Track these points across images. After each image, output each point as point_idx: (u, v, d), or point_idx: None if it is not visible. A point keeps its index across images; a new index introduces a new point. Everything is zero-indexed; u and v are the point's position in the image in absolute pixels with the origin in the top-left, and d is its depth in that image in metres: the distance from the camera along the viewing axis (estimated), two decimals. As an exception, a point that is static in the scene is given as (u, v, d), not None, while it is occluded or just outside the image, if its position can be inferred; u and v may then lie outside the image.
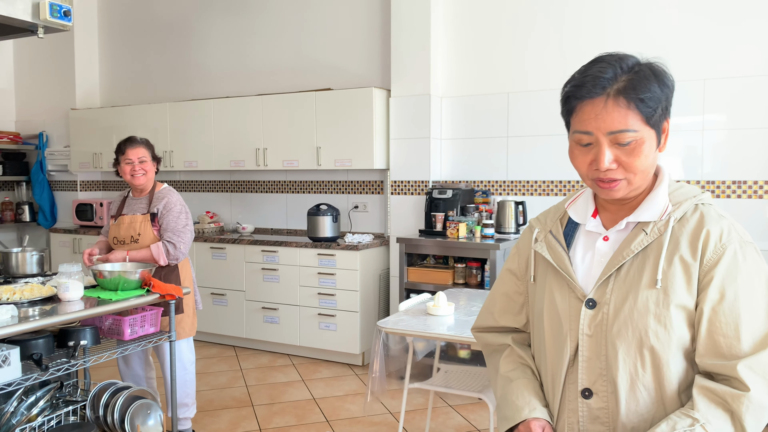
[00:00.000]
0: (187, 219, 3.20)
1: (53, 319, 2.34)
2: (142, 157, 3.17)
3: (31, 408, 2.64)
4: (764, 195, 3.69)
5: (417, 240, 4.18)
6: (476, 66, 4.47)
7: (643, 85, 1.07)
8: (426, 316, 2.69)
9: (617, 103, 1.07)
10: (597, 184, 1.15)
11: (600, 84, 1.08)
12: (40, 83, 6.29)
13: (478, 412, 3.61)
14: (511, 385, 1.30)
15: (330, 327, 4.51)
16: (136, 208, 3.22)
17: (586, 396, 1.20)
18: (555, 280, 1.25)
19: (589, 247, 1.23)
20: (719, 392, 1.08)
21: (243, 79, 5.46)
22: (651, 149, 1.11)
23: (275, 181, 5.40)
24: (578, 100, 1.11)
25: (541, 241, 1.30)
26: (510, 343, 1.36)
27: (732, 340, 1.08)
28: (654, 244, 1.14)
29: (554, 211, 1.34)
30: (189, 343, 3.23)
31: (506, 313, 1.38)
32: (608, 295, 1.16)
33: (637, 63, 1.12)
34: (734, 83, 3.71)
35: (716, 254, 1.10)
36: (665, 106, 1.11)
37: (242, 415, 3.59)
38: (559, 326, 1.23)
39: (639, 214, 1.17)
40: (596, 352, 1.18)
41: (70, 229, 5.86)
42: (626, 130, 1.08)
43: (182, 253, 3.13)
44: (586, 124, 1.11)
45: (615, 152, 1.10)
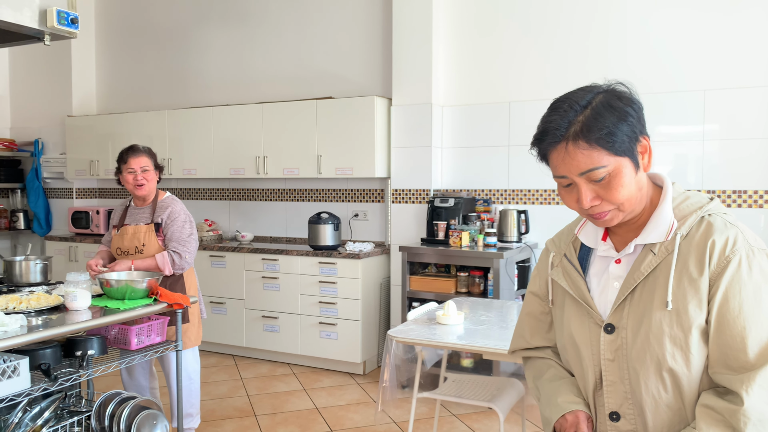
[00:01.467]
0: (192, 228, 3.18)
1: (62, 329, 2.31)
2: (144, 166, 3.13)
3: (36, 419, 2.60)
4: (764, 204, 3.73)
5: (419, 248, 4.18)
6: (477, 75, 4.50)
7: (597, 123, 1.08)
8: (435, 325, 2.69)
9: (577, 146, 1.09)
10: (590, 217, 1.17)
11: (557, 133, 1.10)
12: (35, 89, 6.24)
13: (482, 422, 3.60)
14: (565, 380, 1.31)
15: (331, 336, 4.49)
16: (139, 218, 3.18)
17: (614, 419, 1.21)
18: (573, 307, 1.26)
19: (603, 271, 1.24)
20: (719, 409, 1.08)
21: (243, 87, 5.46)
22: (629, 176, 1.11)
23: (275, 189, 5.39)
24: (544, 150, 1.14)
25: (557, 266, 1.31)
26: (550, 356, 1.39)
27: (738, 352, 1.08)
28: (662, 264, 1.15)
29: (567, 232, 1.35)
30: (194, 352, 3.20)
31: (536, 334, 1.40)
32: (625, 319, 1.17)
33: (592, 98, 1.11)
34: (735, 94, 3.76)
35: (720, 266, 1.10)
36: (631, 132, 1.10)
37: (245, 426, 3.56)
38: (580, 353, 1.24)
39: (645, 235, 1.17)
40: (619, 376, 1.19)
41: (66, 237, 5.81)
42: (594, 168, 1.09)
43: (188, 262, 3.10)
44: (558, 170, 1.13)
45: (593, 188, 1.12)
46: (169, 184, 5.84)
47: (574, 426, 1.21)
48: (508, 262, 3.96)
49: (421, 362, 2.85)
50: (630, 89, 1.16)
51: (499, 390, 2.76)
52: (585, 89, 1.14)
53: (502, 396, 2.68)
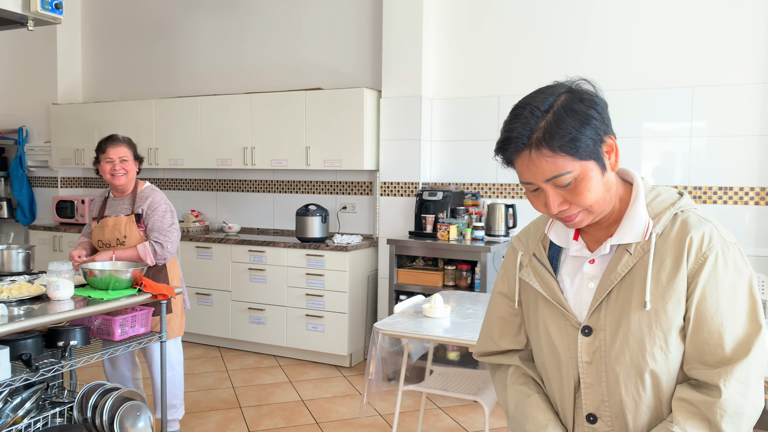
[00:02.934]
0: (173, 218, 3.14)
1: (44, 318, 2.28)
2: (123, 156, 3.08)
3: (17, 410, 2.57)
4: (749, 201, 3.76)
5: (407, 241, 4.18)
6: (467, 68, 4.48)
7: (558, 129, 1.05)
8: (422, 318, 2.69)
9: (540, 154, 1.06)
10: (559, 220, 1.16)
11: (519, 142, 1.07)
12: (20, 76, 6.15)
13: (468, 414, 3.61)
14: (529, 400, 1.28)
15: (317, 328, 4.48)
16: (119, 209, 3.14)
17: (591, 421, 1.20)
18: (547, 309, 1.24)
19: (577, 271, 1.22)
20: (695, 402, 1.08)
21: (231, 76, 5.41)
22: (596, 179, 1.09)
23: (262, 181, 5.35)
24: (508, 158, 1.11)
25: (527, 266, 1.28)
26: (518, 363, 1.34)
27: (715, 348, 1.09)
28: (639, 264, 1.14)
29: (535, 230, 1.32)
30: (177, 343, 3.18)
31: (505, 336, 1.35)
32: (602, 320, 1.16)
33: (554, 101, 1.08)
34: (722, 91, 3.78)
35: (698, 263, 1.10)
36: (595, 134, 1.07)
37: (230, 417, 3.54)
38: (557, 355, 1.22)
39: (621, 236, 1.15)
40: (597, 379, 1.18)
41: (50, 226, 5.74)
42: (559, 174, 1.07)
43: (170, 252, 3.07)
44: (524, 176, 1.11)
45: (560, 193, 1.10)
46: (155, 174, 5.79)
47: None
48: (495, 255, 3.97)
49: (407, 355, 2.84)
50: (594, 86, 1.13)
51: (485, 383, 2.77)
52: (546, 91, 1.10)
53: (487, 389, 2.68)
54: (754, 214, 3.75)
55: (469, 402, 3.78)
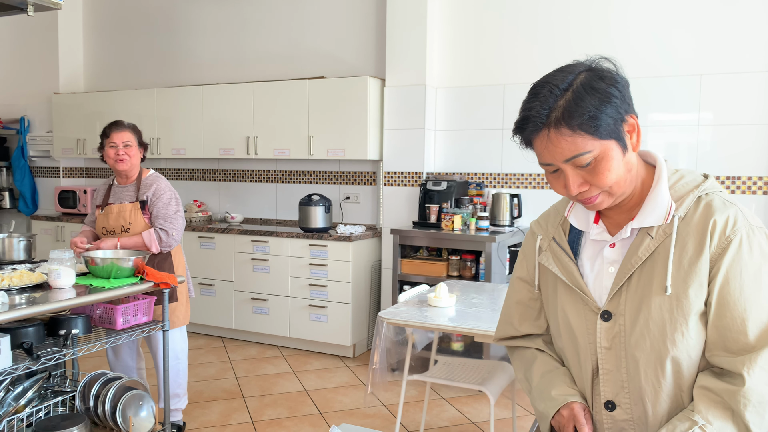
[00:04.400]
0: (178, 205, 3.11)
1: (45, 306, 2.26)
2: (127, 141, 3.04)
3: (19, 399, 2.56)
4: (757, 191, 3.72)
5: (411, 232, 4.15)
6: (472, 57, 4.43)
7: (578, 108, 1.02)
8: (427, 307, 2.66)
9: (560, 133, 1.03)
10: (579, 201, 1.13)
11: (538, 120, 1.04)
12: (21, 66, 6.11)
13: (472, 405, 3.59)
14: (557, 370, 1.27)
15: (321, 318, 4.46)
16: (123, 197, 3.11)
17: (609, 408, 1.17)
18: (566, 294, 1.21)
19: (597, 255, 1.19)
20: (718, 391, 1.05)
21: (233, 65, 5.36)
22: (617, 159, 1.06)
23: (265, 171, 5.32)
24: (526, 137, 1.08)
25: (546, 250, 1.26)
26: (541, 346, 1.33)
27: (739, 334, 1.06)
28: (661, 248, 1.11)
29: (554, 214, 1.29)
30: (182, 332, 3.16)
31: (525, 321, 1.34)
32: (622, 305, 1.13)
33: (573, 79, 1.05)
34: (731, 79, 3.73)
35: (721, 247, 1.07)
36: (616, 113, 1.04)
37: (233, 407, 3.53)
38: (575, 340, 1.20)
39: (642, 218, 1.12)
40: (616, 365, 1.15)
41: (53, 216, 5.72)
42: (579, 154, 1.04)
43: (175, 240, 3.04)
44: (543, 157, 1.08)
45: (580, 173, 1.07)
46: (158, 164, 5.76)
47: (571, 420, 1.16)
48: (500, 245, 3.93)
49: (411, 345, 2.82)
50: (615, 64, 1.09)
51: (490, 373, 2.74)
52: (565, 69, 1.07)
53: (492, 379, 2.66)
54: (761, 203, 3.71)
55: (474, 393, 3.76)
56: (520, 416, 3.40)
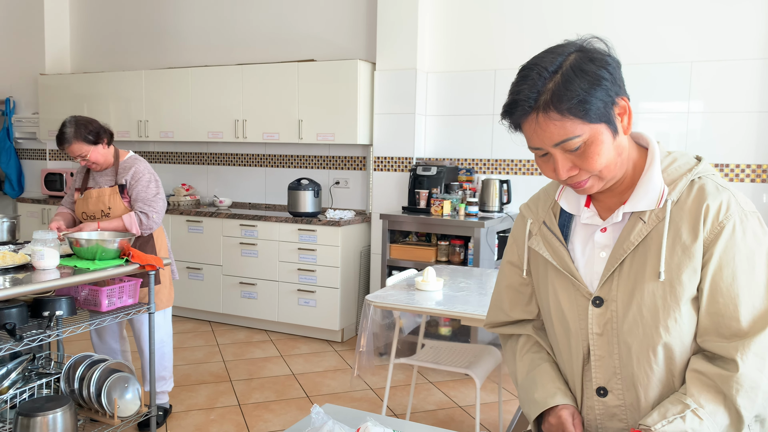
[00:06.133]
0: (158, 188, 3.05)
1: (28, 287, 2.24)
2: (81, 153, 2.92)
3: (2, 380, 2.54)
4: (745, 179, 3.73)
5: (400, 217, 4.14)
6: (464, 41, 4.40)
7: (567, 91, 0.99)
8: (414, 291, 2.65)
9: (548, 117, 1.01)
10: (569, 186, 1.11)
11: (525, 105, 1.02)
12: (6, 46, 6.01)
13: (459, 389, 3.61)
14: (539, 368, 1.25)
15: (309, 303, 4.45)
16: (101, 181, 3.05)
17: (601, 394, 1.17)
18: (557, 279, 1.20)
19: (588, 240, 1.17)
20: (710, 375, 1.05)
21: (222, 47, 5.30)
22: (607, 143, 1.04)
23: (254, 155, 5.28)
24: (515, 121, 1.06)
25: (536, 234, 1.24)
26: (531, 332, 1.31)
27: (731, 320, 1.05)
28: (653, 232, 1.09)
29: (544, 197, 1.27)
30: (166, 314, 3.13)
31: (516, 306, 1.32)
32: (614, 291, 1.12)
33: (563, 61, 1.02)
34: (721, 66, 3.73)
35: (714, 232, 1.06)
36: (606, 96, 1.02)
37: (220, 391, 3.52)
38: (567, 326, 1.19)
39: (635, 203, 1.11)
40: (608, 351, 1.14)
41: (39, 199, 5.66)
42: (568, 138, 1.02)
43: (155, 222, 3.00)
44: (531, 141, 1.07)
45: (570, 158, 1.05)
46: (146, 147, 5.70)
47: (560, 429, 1.14)
48: (488, 231, 3.93)
49: (398, 329, 2.82)
50: (607, 45, 1.07)
51: (477, 357, 2.75)
52: (555, 51, 1.05)
53: (479, 363, 2.66)
54: (750, 191, 3.73)
55: (461, 377, 3.77)
56: (506, 400, 3.42)
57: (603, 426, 1.18)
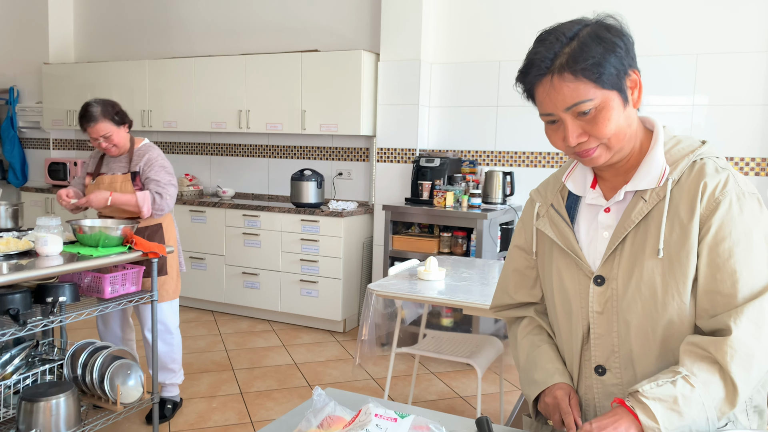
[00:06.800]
0: (171, 176, 3.03)
1: (31, 272, 2.24)
2: (105, 133, 2.90)
3: (6, 366, 2.55)
4: (749, 172, 3.72)
5: (403, 208, 4.13)
6: (468, 32, 4.39)
7: (584, 53, 1.02)
8: (416, 280, 2.66)
9: (563, 79, 1.03)
10: (577, 156, 1.12)
11: (542, 65, 1.05)
12: (10, 35, 6.01)
13: (460, 380, 3.61)
14: (539, 349, 1.26)
15: (312, 293, 4.46)
16: (115, 167, 3.05)
17: (599, 373, 1.17)
18: (561, 258, 1.21)
19: (592, 220, 1.19)
20: (702, 344, 1.04)
21: (226, 37, 5.29)
22: (617, 111, 1.06)
23: (257, 146, 5.28)
24: (528, 84, 1.08)
25: (544, 216, 1.25)
26: (532, 315, 1.33)
27: (728, 297, 1.04)
28: (654, 211, 1.10)
29: (554, 181, 1.29)
30: (173, 306, 3.10)
31: (521, 289, 1.34)
32: (615, 270, 1.13)
33: (580, 30, 1.06)
34: (727, 59, 3.71)
35: (710, 208, 1.06)
36: (619, 64, 1.05)
37: (223, 379, 3.54)
38: (569, 305, 1.20)
39: (636, 182, 1.12)
40: (607, 329, 1.15)
41: (43, 188, 5.67)
42: (580, 101, 1.04)
43: (167, 205, 2.96)
44: (544, 106, 1.08)
45: (580, 124, 1.06)
46: (150, 136, 5.70)
47: (556, 408, 1.15)
48: (491, 223, 3.93)
49: (400, 320, 2.82)
50: (620, 21, 1.10)
51: (478, 347, 2.75)
52: (573, 21, 1.09)
53: (480, 353, 2.67)
54: (754, 184, 3.69)
55: (462, 367, 3.78)
56: (507, 391, 3.43)
57: (601, 405, 1.18)
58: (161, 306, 3.01)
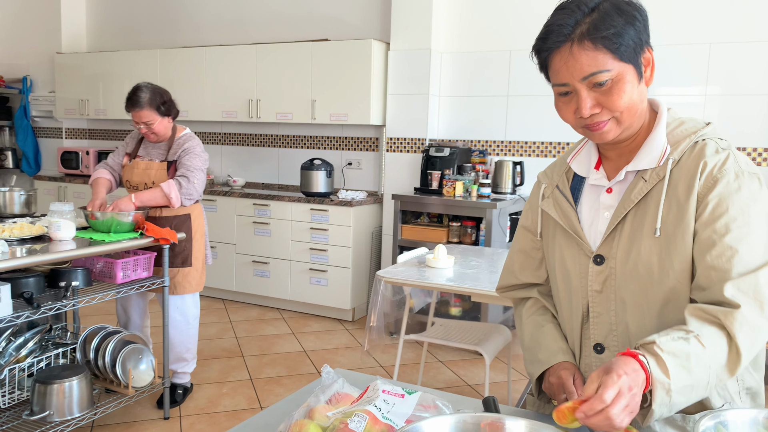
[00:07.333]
0: (203, 163, 2.98)
1: (45, 256, 2.28)
2: (147, 120, 2.89)
3: (20, 349, 2.59)
4: (762, 162, 3.69)
5: (412, 197, 4.14)
6: (479, 21, 4.37)
7: (605, 23, 1.03)
8: (425, 268, 2.67)
9: (583, 47, 1.03)
10: (587, 130, 1.11)
11: (562, 32, 1.04)
12: (23, 25, 6.05)
13: (468, 368, 3.63)
14: (543, 329, 1.27)
15: (321, 282, 4.49)
16: (153, 153, 3.02)
17: (598, 351, 1.19)
18: (564, 238, 1.22)
19: (595, 201, 1.20)
20: (710, 311, 1.03)
21: (237, 27, 5.30)
22: (632, 85, 1.06)
23: (267, 135, 5.30)
24: (546, 52, 1.08)
25: (549, 197, 1.26)
26: (536, 295, 1.34)
27: (725, 273, 1.03)
28: (654, 190, 1.11)
29: (560, 163, 1.30)
30: (195, 298, 3.10)
31: (526, 269, 1.35)
32: (614, 249, 1.13)
33: (600, 2, 1.06)
34: (741, 48, 3.67)
35: (707, 185, 1.06)
36: (637, 38, 1.05)
37: (233, 365, 3.57)
38: (569, 284, 1.21)
39: (637, 162, 1.13)
40: (606, 308, 1.16)
41: (56, 177, 5.73)
42: (598, 71, 1.03)
43: (195, 190, 2.92)
44: (559, 76, 1.07)
45: (594, 96, 1.06)
46: (160, 126, 5.73)
47: (561, 388, 1.15)
48: (501, 213, 3.93)
49: (409, 308, 2.83)
50: None
51: (486, 335, 2.76)
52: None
53: (489, 340, 2.68)
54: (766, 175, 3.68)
55: (470, 356, 3.79)
56: (515, 380, 3.44)
57: None
58: (184, 297, 3.02)
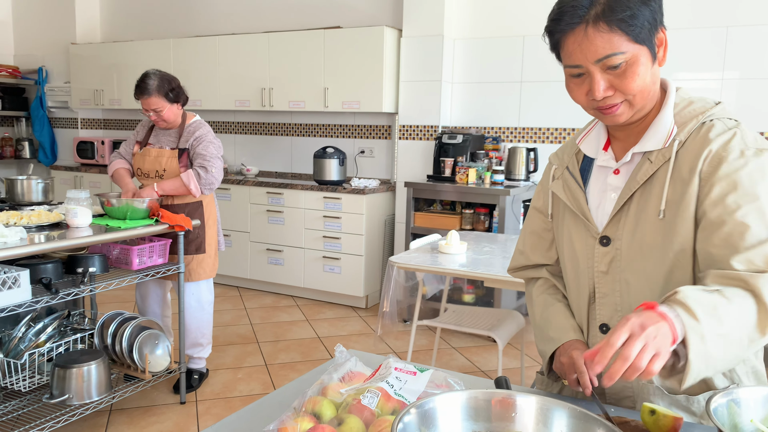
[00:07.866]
0: (218, 150, 3.00)
1: (63, 242, 2.31)
2: (156, 108, 2.90)
3: (39, 334, 2.64)
4: (780, 147, 3.63)
5: (425, 185, 4.13)
6: (491, 7, 4.33)
7: (621, 3, 1.00)
8: (438, 254, 2.67)
9: (597, 29, 1.01)
10: (599, 112, 1.10)
11: (576, 13, 1.02)
12: (39, 16, 6.10)
13: (481, 354, 3.63)
14: (554, 307, 1.28)
15: (334, 270, 4.51)
16: (164, 141, 3.04)
17: (604, 331, 1.19)
18: (572, 220, 1.23)
19: (603, 182, 1.19)
20: (733, 276, 0.99)
21: (249, 15, 5.30)
22: (646, 67, 1.04)
23: (280, 124, 5.31)
24: (559, 33, 1.05)
25: (558, 178, 1.26)
26: (546, 275, 1.34)
27: (737, 249, 1.00)
28: (659, 172, 1.09)
29: (571, 144, 1.29)
30: (209, 283, 3.14)
31: (537, 250, 1.35)
32: (620, 230, 1.13)
33: None
34: (759, 31, 3.61)
35: (712, 165, 1.03)
36: (652, 18, 1.03)
37: (248, 351, 3.61)
38: (577, 265, 1.22)
39: (644, 143, 1.11)
40: (611, 289, 1.16)
41: (72, 166, 5.79)
42: (613, 53, 1.02)
43: (215, 178, 2.94)
44: (573, 57, 1.05)
45: (608, 78, 1.04)
46: (174, 116, 5.76)
47: (572, 368, 1.14)
48: (514, 199, 3.91)
49: (421, 294, 2.84)
50: None
51: (499, 321, 2.76)
52: None
53: (502, 326, 2.68)
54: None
55: (483, 343, 3.80)
56: (528, 366, 3.44)
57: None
58: (198, 284, 3.06)
